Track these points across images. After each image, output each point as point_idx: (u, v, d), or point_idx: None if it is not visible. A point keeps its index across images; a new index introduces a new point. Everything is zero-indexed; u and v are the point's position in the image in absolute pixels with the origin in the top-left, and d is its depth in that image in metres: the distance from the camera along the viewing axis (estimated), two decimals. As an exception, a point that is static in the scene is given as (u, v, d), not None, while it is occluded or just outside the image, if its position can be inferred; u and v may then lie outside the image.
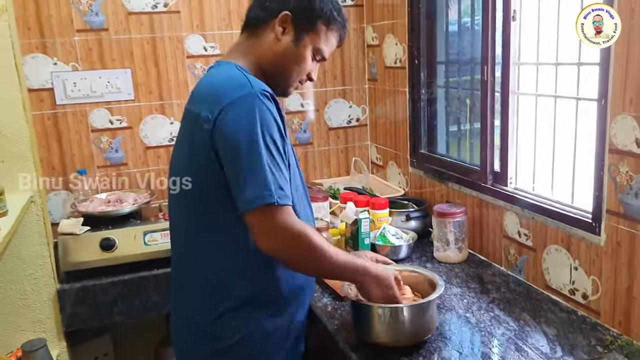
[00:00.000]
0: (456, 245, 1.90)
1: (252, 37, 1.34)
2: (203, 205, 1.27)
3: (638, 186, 1.31)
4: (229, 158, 1.17)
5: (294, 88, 1.39)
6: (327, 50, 1.36)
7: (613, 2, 1.32)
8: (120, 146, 2.41)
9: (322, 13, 1.31)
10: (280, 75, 1.33)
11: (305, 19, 1.30)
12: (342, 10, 1.37)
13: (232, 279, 1.27)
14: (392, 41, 2.42)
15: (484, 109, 1.88)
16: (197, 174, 1.25)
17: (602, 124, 1.39)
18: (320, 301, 1.67)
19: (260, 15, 1.32)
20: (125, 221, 2.07)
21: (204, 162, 1.21)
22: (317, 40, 1.33)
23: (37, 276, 1.85)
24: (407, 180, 2.43)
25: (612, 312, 1.43)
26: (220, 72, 1.29)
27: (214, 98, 1.19)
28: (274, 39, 1.31)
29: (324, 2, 1.32)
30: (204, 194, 1.25)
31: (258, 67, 1.32)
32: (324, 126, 2.70)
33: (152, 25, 2.36)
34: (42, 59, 2.24)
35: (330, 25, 1.33)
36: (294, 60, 1.32)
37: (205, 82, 1.30)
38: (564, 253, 1.58)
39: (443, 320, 1.52)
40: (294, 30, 1.30)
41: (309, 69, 1.36)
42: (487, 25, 1.81)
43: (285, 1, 1.30)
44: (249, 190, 1.13)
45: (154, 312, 2.01)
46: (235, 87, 1.20)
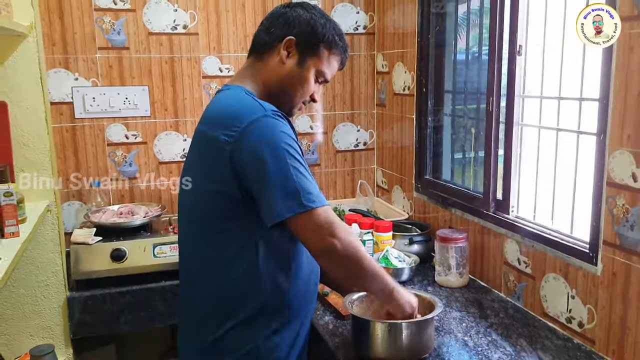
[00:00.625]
0: (457, 270, 1.94)
1: (259, 61, 1.41)
2: (212, 226, 1.31)
3: (634, 219, 1.36)
4: (256, 177, 1.22)
5: (298, 109, 1.45)
6: (329, 73, 1.43)
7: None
8: (134, 160, 2.48)
9: (324, 38, 1.38)
10: (285, 97, 1.40)
11: (308, 44, 1.37)
12: (344, 36, 1.44)
13: (240, 298, 1.31)
14: (401, 69, 2.50)
15: (488, 138, 1.94)
16: (208, 195, 1.30)
17: (601, 158, 1.45)
18: (323, 319, 1.72)
19: (266, 40, 1.39)
20: (136, 233, 2.13)
21: (218, 183, 1.26)
22: (320, 63, 1.39)
23: (49, 283, 1.91)
24: (412, 205, 2.49)
25: (606, 341, 1.47)
26: (231, 96, 1.34)
27: (230, 121, 1.25)
28: (279, 62, 1.37)
29: (326, 27, 1.39)
30: (214, 214, 1.30)
31: (264, 90, 1.38)
32: (332, 148, 2.77)
33: (171, 45, 2.45)
34: (64, 73, 2.33)
35: (332, 49, 1.40)
36: (298, 82, 1.39)
37: (217, 106, 1.35)
38: (561, 282, 1.62)
39: (441, 342, 1.56)
40: (298, 54, 1.37)
41: (312, 91, 1.42)
42: (493, 59, 1.88)
43: (289, 27, 1.37)
44: (281, 203, 1.19)
45: (160, 323, 2.05)
46: (249, 111, 1.26)
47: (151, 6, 2.40)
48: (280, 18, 1.37)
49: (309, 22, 1.36)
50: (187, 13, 2.45)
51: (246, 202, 1.25)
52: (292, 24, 1.36)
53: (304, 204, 1.19)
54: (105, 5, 2.35)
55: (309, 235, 1.23)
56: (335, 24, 1.42)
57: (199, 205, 1.33)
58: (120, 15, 2.37)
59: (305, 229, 1.22)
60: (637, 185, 1.34)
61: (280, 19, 1.37)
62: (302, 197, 1.19)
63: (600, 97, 1.45)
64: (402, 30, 2.46)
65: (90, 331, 2.00)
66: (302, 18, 1.36)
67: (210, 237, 1.32)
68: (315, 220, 1.21)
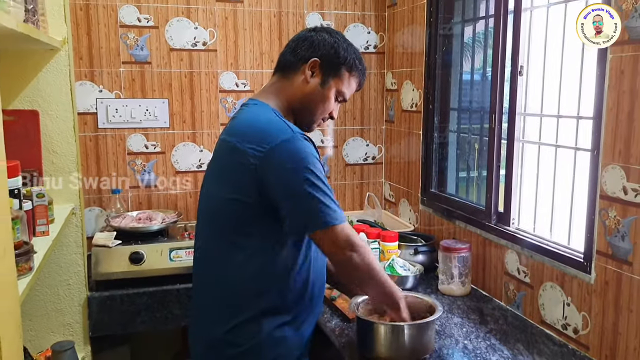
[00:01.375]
0: (460, 279, 2.03)
1: (284, 79, 1.52)
2: (230, 228, 1.41)
3: (624, 230, 1.45)
4: (281, 193, 1.34)
5: (317, 124, 1.57)
6: (348, 92, 1.55)
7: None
8: (153, 169, 2.60)
9: (345, 61, 1.50)
10: (307, 112, 1.51)
11: (331, 65, 1.49)
12: (363, 60, 1.56)
13: (250, 295, 1.41)
14: (409, 87, 2.61)
15: (490, 154, 2.03)
16: (229, 200, 1.40)
17: (594, 172, 1.54)
18: (330, 322, 1.80)
19: (292, 60, 1.51)
20: (154, 238, 2.23)
21: (241, 190, 1.37)
22: (341, 83, 1.51)
23: (71, 283, 2.01)
24: (417, 217, 2.58)
25: (599, 346, 1.55)
26: (259, 113, 1.45)
27: (260, 138, 1.35)
28: (304, 81, 1.49)
29: (348, 51, 1.51)
30: (233, 217, 1.40)
31: (288, 106, 1.50)
32: (342, 162, 2.87)
33: (191, 61, 2.58)
34: (89, 86, 2.46)
35: (352, 71, 1.52)
36: (319, 100, 1.50)
37: (245, 120, 1.45)
38: (558, 290, 1.70)
39: (442, 344, 1.64)
40: (321, 74, 1.49)
41: (331, 108, 1.54)
42: (496, 79, 1.98)
43: (315, 49, 1.49)
44: (304, 220, 1.34)
45: (174, 324, 2.15)
46: (279, 131, 1.36)
47: (173, 24, 2.54)
48: (306, 41, 1.49)
49: (333, 46, 1.48)
50: (207, 31, 2.58)
51: (264, 212, 1.36)
52: (317, 46, 1.48)
53: (325, 222, 1.32)
54: (130, 23, 2.49)
55: (328, 249, 1.38)
56: (356, 49, 1.54)
57: (219, 210, 1.43)
58: (144, 32, 2.51)
59: (325, 243, 1.36)
60: (627, 197, 1.43)
61: (306, 41, 1.49)
62: (323, 215, 1.32)
63: (593, 116, 1.55)
64: (411, 50, 2.58)
65: (108, 330, 2.10)
66: (327, 42, 1.48)
67: (227, 239, 1.42)
68: (335, 236, 1.34)
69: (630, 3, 1.39)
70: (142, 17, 2.50)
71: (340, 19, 2.75)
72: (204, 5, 2.57)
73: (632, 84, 1.41)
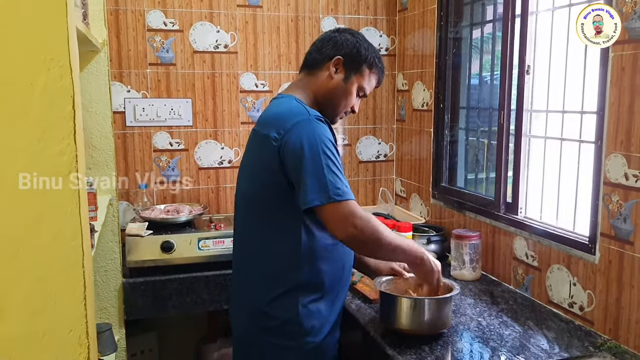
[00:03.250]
0: (471, 265, 2.17)
1: (310, 75, 1.67)
2: (265, 209, 1.56)
3: (626, 212, 1.59)
4: (294, 167, 1.45)
5: (340, 117, 1.71)
6: (369, 88, 1.69)
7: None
8: (177, 165, 2.73)
9: (366, 59, 1.65)
10: (330, 106, 1.65)
11: (353, 63, 1.64)
12: (382, 59, 1.71)
13: (285, 270, 1.55)
14: (420, 87, 2.75)
15: (499, 148, 2.18)
16: (262, 183, 1.54)
17: (598, 161, 1.68)
18: (353, 302, 1.94)
19: (318, 58, 1.66)
20: (182, 228, 2.37)
21: (270, 173, 1.51)
22: (362, 80, 1.66)
23: (108, 269, 2.14)
24: (429, 210, 2.72)
25: (604, 321, 1.69)
26: (283, 103, 1.60)
27: (279, 122, 1.50)
28: (328, 77, 1.63)
29: (369, 50, 1.66)
30: (267, 199, 1.55)
31: (314, 99, 1.64)
32: (355, 159, 3.01)
33: (213, 62, 2.72)
34: (118, 86, 2.60)
35: (373, 69, 1.67)
36: (342, 95, 1.65)
37: (271, 111, 1.61)
38: (564, 271, 1.84)
39: (458, 321, 1.78)
40: (345, 71, 1.63)
41: (353, 103, 1.68)
42: (504, 78, 2.13)
43: (338, 48, 1.63)
44: (312, 192, 1.42)
45: (203, 308, 2.28)
46: (296, 114, 1.51)
47: (197, 28, 2.68)
48: (330, 41, 1.64)
49: (355, 45, 1.62)
50: (228, 34, 2.73)
51: (292, 193, 1.49)
52: (341, 46, 1.62)
53: (330, 197, 1.41)
54: (157, 27, 2.63)
55: (333, 224, 1.45)
56: (375, 49, 1.68)
57: (254, 193, 1.58)
58: (169, 36, 2.65)
59: (330, 218, 1.44)
60: (629, 183, 1.58)
61: (330, 41, 1.64)
62: (330, 190, 1.41)
63: (597, 110, 1.69)
64: (422, 53, 2.72)
65: (142, 314, 2.23)
66: (349, 41, 1.63)
67: (263, 219, 1.57)
68: (339, 212, 1.42)
69: (630, 6, 1.54)
70: (167, 22, 2.64)
71: (353, 23, 2.90)
72: (225, 10, 2.71)
73: (632, 80, 1.56)
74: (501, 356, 1.57)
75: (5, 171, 0.90)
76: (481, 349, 1.62)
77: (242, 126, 2.80)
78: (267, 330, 1.56)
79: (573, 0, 1.87)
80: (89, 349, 1.02)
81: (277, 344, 1.55)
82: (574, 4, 1.87)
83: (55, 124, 0.94)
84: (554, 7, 1.97)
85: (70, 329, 1.00)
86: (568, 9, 1.89)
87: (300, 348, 1.55)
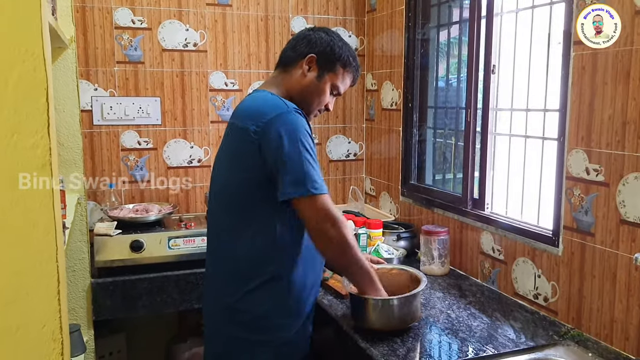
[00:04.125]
0: (439, 260, 2.21)
1: (284, 73, 1.68)
2: (241, 203, 1.56)
3: (587, 205, 1.66)
4: (274, 159, 1.46)
5: (314, 115, 1.73)
6: (343, 87, 1.71)
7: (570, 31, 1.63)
8: (145, 165, 2.71)
9: (340, 58, 1.66)
10: (304, 104, 1.66)
11: (327, 61, 1.65)
12: (357, 58, 1.72)
13: (258, 264, 1.55)
14: (389, 87, 2.80)
15: (466, 146, 2.23)
16: (239, 176, 1.55)
17: (561, 157, 1.75)
18: (325, 298, 1.96)
19: (292, 56, 1.67)
20: (151, 228, 2.35)
21: (248, 166, 1.51)
22: (335, 78, 1.67)
23: (76, 269, 2.11)
24: (398, 208, 2.76)
25: (567, 310, 1.75)
26: (259, 97, 1.61)
27: (258, 115, 1.51)
28: (301, 75, 1.65)
29: (343, 49, 1.68)
30: (243, 193, 1.55)
31: (287, 96, 1.64)
32: (326, 158, 3.04)
33: (182, 61, 2.71)
34: (85, 84, 2.56)
35: (347, 68, 1.69)
36: (315, 93, 1.66)
37: (249, 104, 1.61)
38: (529, 264, 1.90)
39: (428, 314, 1.82)
40: (318, 69, 1.65)
41: (327, 101, 1.70)
42: (471, 77, 2.19)
43: (312, 46, 1.65)
44: (289, 184, 1.44)
45: (173, 308, 2.27)
46: (274, 106, 1.52)
47: (165, 26, 2.66)
48: (305, 39, 1.65)
49: (329, 44, 1.64)
50: (198, 32, 2.72)
51: (269, 186, 1.50)
52: (315, 44, 1.64)
53: (308, 189, 1.44)
54: (125, 24, 2.60)
55: (308, 216, 1.48)
56: (350, 48, 1.70)
57: (230, 186, 1.58)
58: (137, 33, 2.62)
59: (306, 210, 1.47)
60: (590, 177, 1.64)
61: (304, 39, 1.65)
62: (307, 183, 1.44)
63: (559, 108, 1.76)
64: (390, 53, 2.77)
65: (111, 314, 2.20)
66: (323, 40, 1.64)
67: (238, 213, 1.57)
68: (315, 205, 1.46)
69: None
70: (136, 19, 2.62)
71: (322, 23, 2.92)
72: (194, 9, 2.70)
73: (592, 79, 1.62)
74: (470, 346, 1.61)
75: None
76: (451, 340, 1.66)
77: (212, 125, 2.79)
78: (238, 325, 1.57)
79: (536, 2, 1.94)
80: (63, 345, 1.01)
81: (248, 338, 1.56)
82: (537, 5, 1.93)
83: (29, 116, 0.93)
84: (518, 8, 2.04)
85: (43, 324, 0.99)
86: (531, 11, 1.95)
87: (272, 343, 1.57)
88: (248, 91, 2.77)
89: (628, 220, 1.53)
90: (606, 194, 1.59)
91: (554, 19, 1.84)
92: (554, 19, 1.84)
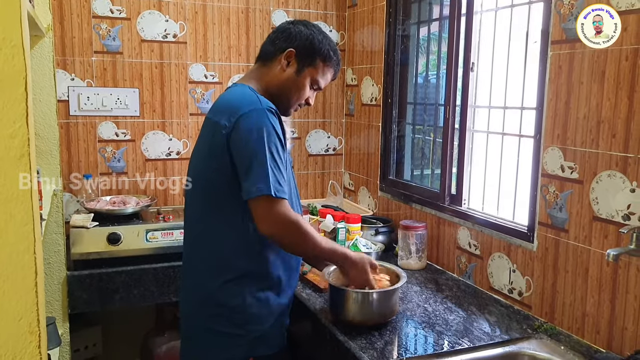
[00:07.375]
0: (417, 255, 2.24)
1: (263, 67, 1.67)
2: (214, 196, 1.56)
3: (562, 202, 1.69)
4: (239, 156, 1.47)
5: (293, 110, 1.72)
6: (323, 82, 1.71)
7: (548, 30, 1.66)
8: (123, 157, 2.68)
9: (320, 52, 1.65)
10: (283, 98, 1.66)
11: (306, 55, 1.64)
12: (338, 52, 1.71)
13: (232, 256, 1.56)
14: (369, 82, 2.81)
15: (445, 142, 2.26)
16: (211, 170, 1.54)
17: (537, 154, 1.78)
18: (304, 292, 1.97)
19: (271, 50, 1.66)
20: (129, 220, 2.33)
21: (219, 161, 1.50)
22: (315, 73, 1.66)
23: (51, 262, 2.08)
24: (376, 203, 2.78)
25: (540, 304, 1.79)
26: (236, 91, 1.60)
27: (231, 110, 1.50)
28: (280, 69, 1.64)
29: (323, 43, 1.66)
30: (216, 186, 1.54)
31: (266, 90, 1.64)
32: (305, 152, 3.04)
33: (162, 52, 2.68)
34: (61, 74, 2.52)
35: (327, 62, 1.68)
36: (294, 88, 1.65)
37: (224, 99, 1.61)
38: (505, 259, 1.93)
39: (405, 308, 1.84)
40: (297, 63, 1.64)
41: (306, 96, 1.69)
42: (450, 74, 2.21)
43: (291, 40, 1.64)
44: (253, 183, 1.44)
45: (151, 301, 2.25)
46: (248, 103, 1.51)
47: (145, 16, 2.63)
48: (284, 32, 1.64)
49: (308, 37, 1.62)
50: (177, 24, 2.69)
51: (237, 182, 1.49)
52: (294, 37, 1.62)
53: (270, 192, 1.43)
54: (103, 14, 2.56)
55: (262, 218, 1.46)
56: (331, 41, 1.68)
57: (203, 180, 1.58)
58: (116, 23, 2.59)
59: (262, 212, 1.46)
60: (565, 174, 1.68)
61: (284, 33, 1.64)
62: (271, 186, 1.43)
63: (536, 106, 1.79)
64: (371, 48, 2.78)
65: (87, 307, 2.18)
66: (303, 33, 1.63)
67: (212, 206, 1.57)
68: (274, 208, 1.45)
69: (567, 8, 1.63)
70: (114, 9, 2.58)
71: (303, 17, 2.92)
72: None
73: (568, 77, 1.66)
74: (446, 340, 1.64)
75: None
76: (427, 333, 1.68)
77: (191, 117, 2.77)
78: (214, 317, 1.57)
79: (515, 1, 1.97)
80: (40, 337, 1.00)
81: (223, 331, 1.56)
82: (515, 4, 1.96)
83: (7, 105, 0.91)
84: (497, 7, 2.06)
85: (20, 316, 0.98)
86: (510, 10, 1.98)
87: (247, 336, 1.57)
88: (228, 84, 2.76)
89: (601, 217, 1.57)
90: (580, 191, 1.63)
91: (532, 19, 1.87)
92: (532, 18, 1.87)
